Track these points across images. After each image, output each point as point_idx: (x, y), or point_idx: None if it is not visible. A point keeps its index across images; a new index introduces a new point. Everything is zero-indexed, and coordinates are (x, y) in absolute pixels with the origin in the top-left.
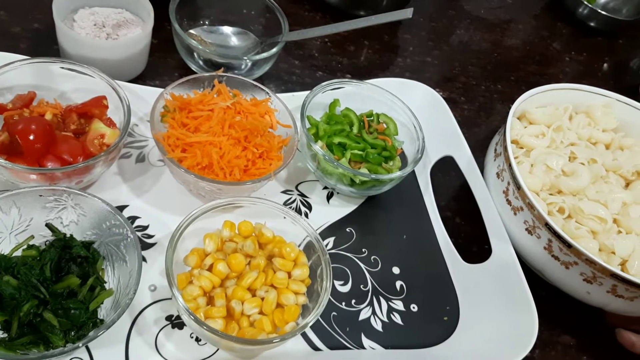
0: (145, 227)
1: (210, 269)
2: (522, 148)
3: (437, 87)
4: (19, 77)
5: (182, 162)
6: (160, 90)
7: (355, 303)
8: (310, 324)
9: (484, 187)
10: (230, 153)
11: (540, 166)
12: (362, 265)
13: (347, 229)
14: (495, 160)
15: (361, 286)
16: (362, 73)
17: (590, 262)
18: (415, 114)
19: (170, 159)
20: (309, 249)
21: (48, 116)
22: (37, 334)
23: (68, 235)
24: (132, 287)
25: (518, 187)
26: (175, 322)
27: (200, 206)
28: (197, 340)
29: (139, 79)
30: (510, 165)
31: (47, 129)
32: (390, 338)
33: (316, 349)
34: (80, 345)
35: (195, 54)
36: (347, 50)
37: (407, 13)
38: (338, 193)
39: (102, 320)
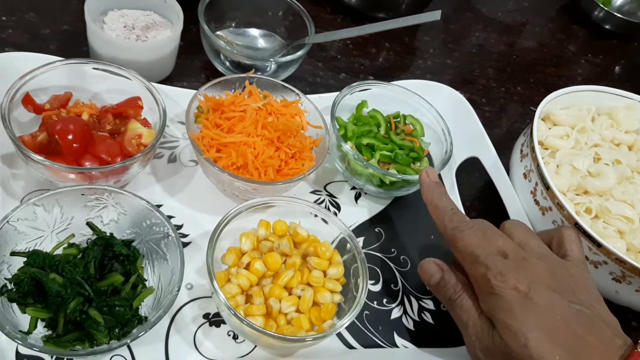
0: (180, 227)
1: (247, 267)
2: (547, 149)
3: (458, 88)
4: (54, 78)
5: (217, 162)
6: (189, 91)
7: (386, 302)
8: (349, 322)
9: (510, 188)
10: (265, 153)
11: (567, 167)
12: (392, 264)
13: (376, 229)
14: (522, 161)
15: (392, 285)
16: (384, 75)
17: (620, 261)
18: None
19: (206, 159)
20: (341, 247)
21: (85, 116)
22: (82, 331)
23: (108, 234)
24: (175, 285)
25: (547, 187)
26: (213, 320)
27: (236, 205)
28: (235, 337)
29: (166, 80)
30: (538, 166)
31: (85, 129)
32: (422, 337)
33: (350, 347)
34: (129, 342)
35: (222, 55)
36: (369, 52)
37: (435, 15)
38: (366, 193)
39: (145, 318)
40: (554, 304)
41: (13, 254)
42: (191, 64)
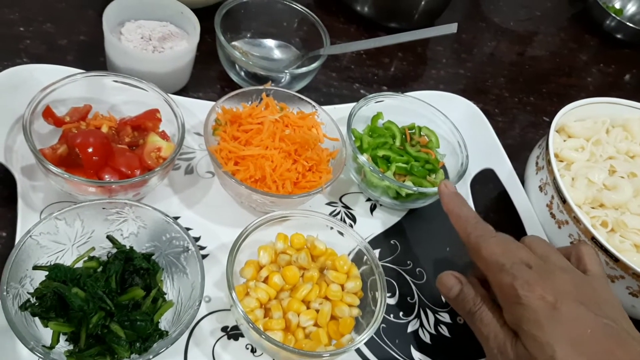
0: (198, 239)
1: (265, 281)
2: (562, 161)
3: (471, 98)
4: (73, 90)
5: (235, 174)
6: (205, 102)
7: (403, 315)
8: (369, 337)
9: (526, 200)
10: (282, 166)
11: (582, 180)
12: (407, 277)
13: (392, 241)
14: (537, 173)
15: (408, 298)
16: (397, 85)
17: (637, 275)
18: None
19: (225, 172)
20: (357, 260)
21: (104, 129)
22: (103, 345)
23: (128, 247)
24: (196, 300)
25: (563, 200)
26: (231, 333)
27: (255, 218)
28: (253, 351)
29: (182, 91)
30: (555, 179)
31: (104, 142)
32: (439, 350)
33: None
34: (151, 357)
35: (237, 65)
36: (382, 62)
37: (451, 28)
38: (381, 205)
39: (166, 332)
40: (582, 317)
41: (35, 267)
42: (206, 75)
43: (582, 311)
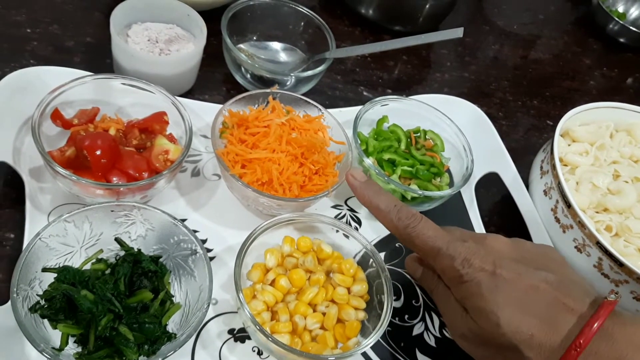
0: (204, 241)
1: (272, 284)
2: (566, 165)
3: (475, 102)
4: (80, 92)
5: (242, 177)
6: (211, 105)
7: (408, 318)
8: (375, 340)
9: (530, 205)
10: (289, 169)
11: (587, 184)
12: (412, 280)
13: (397, 244)
14: (542, 177)
15: (413, 301)
16: (402, 88)
17: None
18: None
19: (232, 175)
20: (363, 263)
21: (112, 131)
22: (112, 348)
23: (136, 250)
24: (204, 302)
25: (568, 205)
26: (238, 336)
27: (262, 221)
28: (260, 353)
29: (188, 93)
30: (559, 184)
31: (112, 144)
32: (444, 353)
33: None
34: (160, 359)
35: (243, 68)
36: (387, 65)
37: (457, 33)
38: None
39: (174, 335)
40: (521, 274)
41: (45, 270)
42: (212, 77)
43: (521, 269)
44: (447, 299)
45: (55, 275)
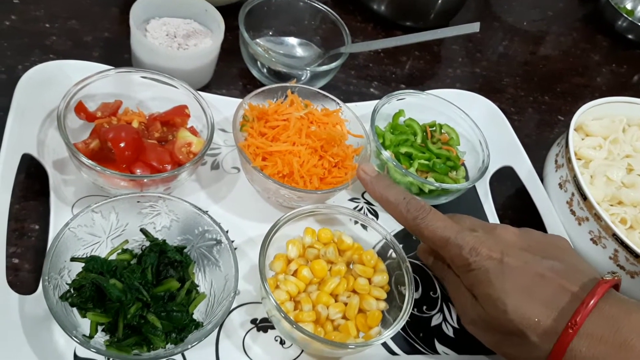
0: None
1: (294, 274)
2: (580, 159)
3: (487, 97)
4: (103, 85)
5: (264, 170)
6: (229, 99)
7: (426, 309)
8: (398, 329)
9: (545, 198)
10: (309, 162)
11: (601, 177)
12: (429, 272)
13: (414, 237)
14: (557, 171)
15: (431, 293)
16: (414, 83)
17: None
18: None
19: (254, 168)
20: (382, 254)
21: (135, 124)
22: (140, 336)
23: (161, 240)
24: (230, 291)
25: (584, 198)
26: (260, 326)
27: (283, 213)
28: (282, 343)
29: (205, 88)
30: (575, 177)
31: (136, 136)
32: (462, 343)
33: (393, 353)
34: (189, 347)
35: (259, 63)
36: (400, 61)
37: (474, 27)
38: None
39: (202, 323)
40: (528, 262)
41: (73, 259)
42: (228, 72)
43: (528, 257)
44: (457, 287)
45: (84, 264)
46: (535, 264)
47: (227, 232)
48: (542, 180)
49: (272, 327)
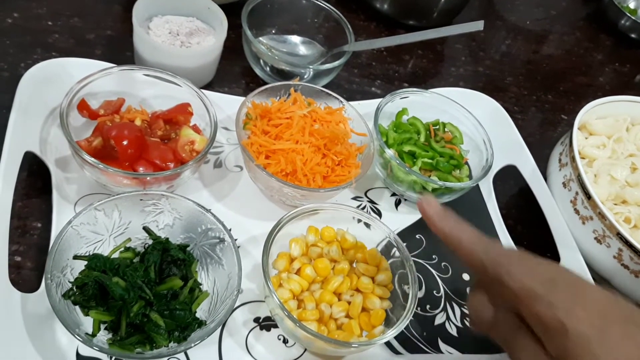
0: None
1: (297, 272)
2: (583, 158)
3: (490, 96)
4: (105, 83)
5: (267, 168)
6: (231, 97)
7: (429, 308)
8: (402, 328)
9: (549, 197)
10: (313, 160)
11: (605, 176)
12: (433, 271)
13: (417, 236)
14: (560, 170)
15: (434, 292)
16: (417, 82)
17: None
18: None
19: (257, 166)
20: (386, 252)
21: (137, 122)
22: (143, 334)
23: (163, 238)
24: (233, 290)
25: (588, 197)
26: (263, 324)
27: (288, 211)
28: (285, 342)
29: (208, 86)
30: (579, 176)
31: (139, 134)
32: (465, 342)
33: (396, 352)
34: (192, 345)
35: (262, 61)
36: (403, 60)
37: (478, 25)
38: (406, 200)
39: (204, 322)
40: (631, 335)
41: (76, 257)
42: (231, 70)
43: (632, 330)
44: (532, 353)
45: (86, 262)
46: (638, 336)
47: (230, 230)
48: (545, 179)
49: (275, 326)
